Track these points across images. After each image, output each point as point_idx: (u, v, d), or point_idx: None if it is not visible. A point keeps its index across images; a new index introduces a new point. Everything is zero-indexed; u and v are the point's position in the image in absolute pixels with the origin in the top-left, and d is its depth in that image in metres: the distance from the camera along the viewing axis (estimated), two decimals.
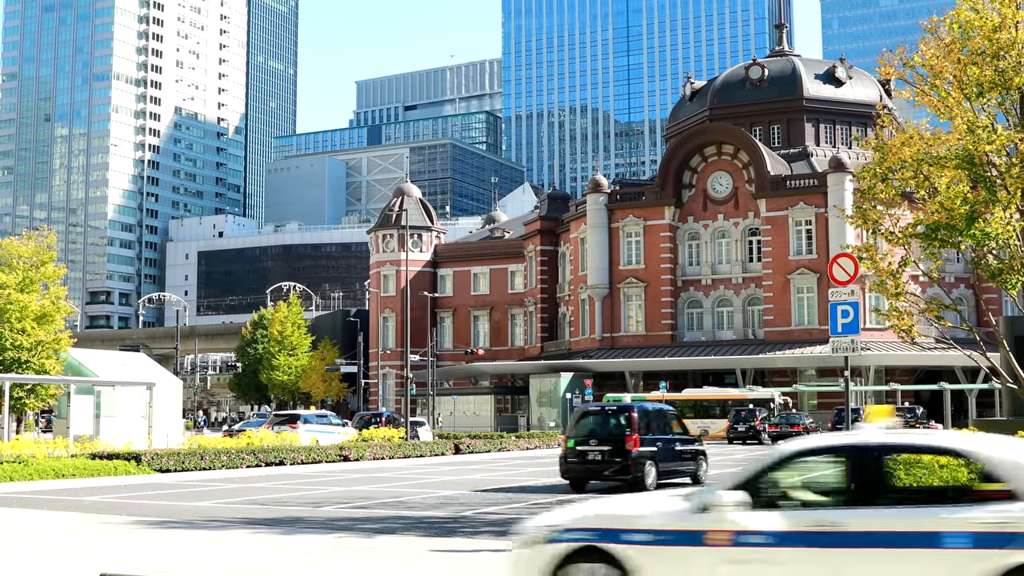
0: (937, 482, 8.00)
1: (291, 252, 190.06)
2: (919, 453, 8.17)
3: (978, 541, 7.27)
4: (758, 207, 74.31)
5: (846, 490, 7.95)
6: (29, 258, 43.54)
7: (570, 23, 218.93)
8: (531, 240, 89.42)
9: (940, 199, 17.22)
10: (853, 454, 8.09)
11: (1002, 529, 7.26)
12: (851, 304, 15.72)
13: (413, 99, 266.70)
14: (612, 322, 77.45)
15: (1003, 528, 7.26)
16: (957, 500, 7.67)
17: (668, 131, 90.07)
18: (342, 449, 35.12)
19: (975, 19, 17.05)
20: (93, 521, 16.94)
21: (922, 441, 8.36)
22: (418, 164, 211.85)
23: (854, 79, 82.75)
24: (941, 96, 17.39)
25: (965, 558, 7.26)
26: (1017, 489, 7.42)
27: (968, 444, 7.89)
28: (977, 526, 7.32)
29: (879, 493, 7.86)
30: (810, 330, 71.27)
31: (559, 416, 69.07)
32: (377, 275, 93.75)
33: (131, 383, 36.17)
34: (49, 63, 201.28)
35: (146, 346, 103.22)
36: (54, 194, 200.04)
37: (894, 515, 7.60)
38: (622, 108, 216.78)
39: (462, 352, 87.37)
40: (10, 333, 41.12)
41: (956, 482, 7.90)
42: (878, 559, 7.46)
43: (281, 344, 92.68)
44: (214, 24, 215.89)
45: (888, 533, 7.49)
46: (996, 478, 7.53)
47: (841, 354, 15.86)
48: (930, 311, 17.92)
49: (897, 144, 17.52)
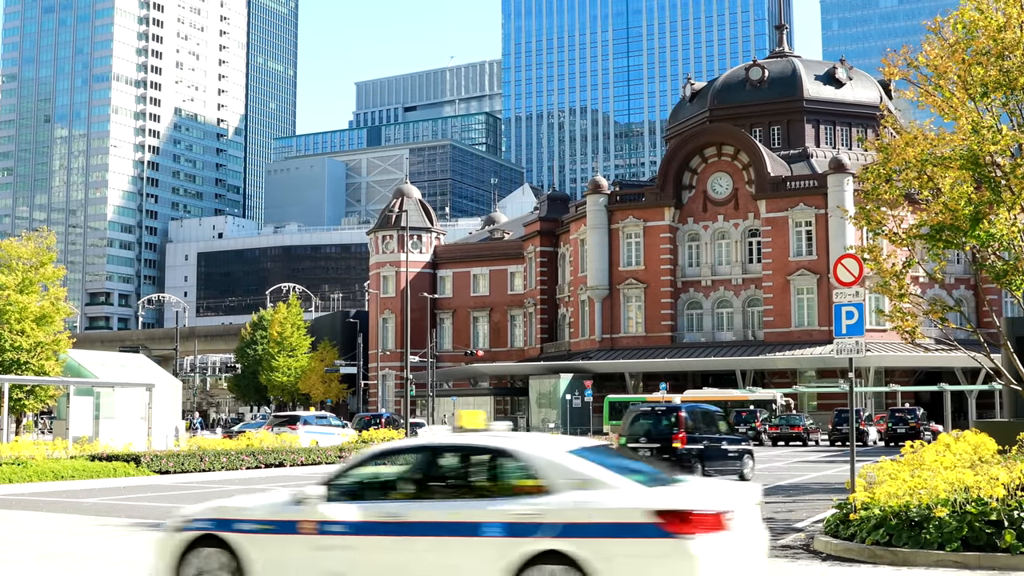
0: (486, 478, 8.94)
1: (290, 253, 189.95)
2: (475, 453, 9.21)
3: (511, 530, 8.26)
4: (758, 208, 74.23)
5: (412, 486, 9.08)
6: (28, 259, 43.44)
7: (570, 24, 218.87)
8: (531, 241, 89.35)
9: (944, 200, 17.13)
10: (419, 455, 9.42)
11: (531, 520, 8.23)
12: (856, 305, 15.59)
13: (413, 100, 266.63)
14: (612, 323, 77.36)
15: (532, 519, 8.23)
16: (500, 494, 8.64)
17: (668, 132, 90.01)
18: (342, 451, 35.01)
19: (979, 19, 16.97)
20: (92, 523, 16.85)
21: (476, 442, 9.35)
22: (418, 165, 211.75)
23: (854, 80, 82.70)
24: (945, 96, 17.31)
25: (499, 545, 8.25)
26: (551, 484, 8.38)
27: (513, 444, 8.90)
28: (511, 517, 8.30)
29: (438, 488, 9.02)
30: (810, 331, 71.19)
31: (559, 417, 68.97)
32: (377, 276, 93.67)
33: (130, 384, 36.07)
34: (49, 64, 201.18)
35: (145, 347, 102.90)
36: (54, 195, 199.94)
37: (447, 507, 8.64)
38: (622, 109, 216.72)
39: (462, 353, 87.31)
40: (9, 334, 41.02)
41: (502, 478, 8.82)
42: (431, 546, 8.51)
43: (280, 345, 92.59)
44: (214, 25, 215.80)
45: (441, 523, 8.53)
46: (533, 475, 8.50)
47: (846, 355, 15.74)
48: (934, 312, 17.83)
49: (901, 145, 17.43)
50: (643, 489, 8.36)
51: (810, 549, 13.08)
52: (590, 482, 8.35)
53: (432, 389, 72.19)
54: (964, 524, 11.34)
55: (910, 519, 11.77)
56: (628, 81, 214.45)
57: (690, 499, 8.21)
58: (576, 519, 8.13)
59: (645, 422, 25.71)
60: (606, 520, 8.07)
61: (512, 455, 8.79)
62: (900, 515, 11.88)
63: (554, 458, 8.60)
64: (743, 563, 8.41)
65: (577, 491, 8.29)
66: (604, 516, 8.09)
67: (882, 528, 11.91)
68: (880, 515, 12.06)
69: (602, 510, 8.12)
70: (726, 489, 9.00)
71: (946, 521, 11.41)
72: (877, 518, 12.07)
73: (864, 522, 12.21)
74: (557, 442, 9.15)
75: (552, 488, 8.37)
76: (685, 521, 7.91)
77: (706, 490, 8.77)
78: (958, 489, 11.88)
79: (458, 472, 9.19)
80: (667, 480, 8.89)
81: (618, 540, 7.99)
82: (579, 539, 8.07)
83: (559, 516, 8.18)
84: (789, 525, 15.92)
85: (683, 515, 7.94)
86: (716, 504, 8.15)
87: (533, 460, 8.63)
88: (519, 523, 8.26)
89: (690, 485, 8.88)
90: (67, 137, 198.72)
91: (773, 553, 12.89)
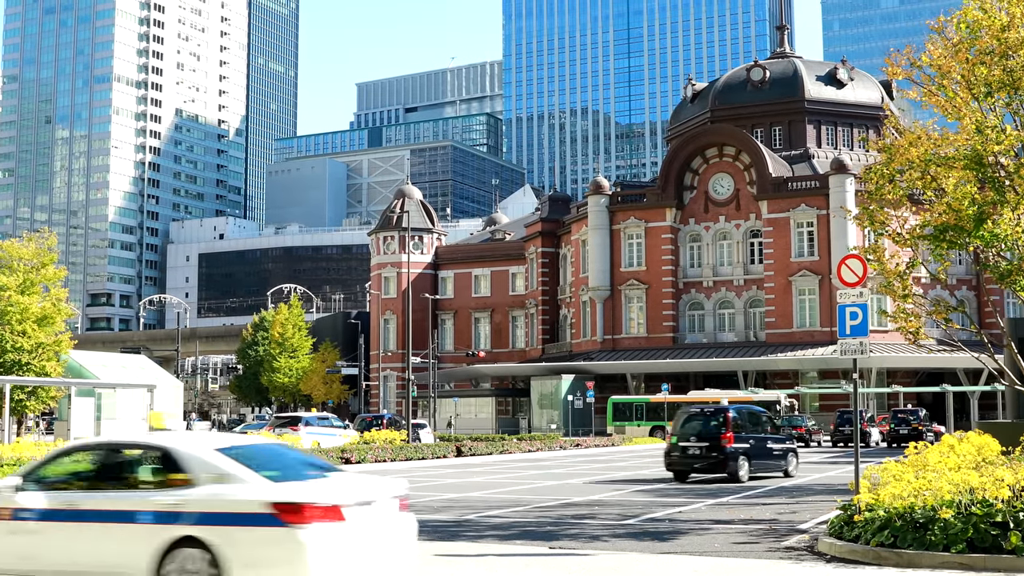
0: (146, 473, 10.14)
1: (292, 254, 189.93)
2: (139, 450, 10.57)
3: (158, 518, 9.40)
4: (759, 209, 74.18)
5: (88, 478, 10.20)
6: (30, 260, 43.39)
7: (571, 25, 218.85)
8: (532, 242, 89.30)
9: (948, 200, 17.08)
10: (96, 451, 10.63)
11: (175, 509, 9.35)
12: (860, 306, 15.54)
13: (414, 101, 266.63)
14: (613, 324, 77.31)
15: (176, 508, 9.35)
16: (156, 486, 9.82)
17: (669, 133, 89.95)
18: (344, 452, 34.97)
19: (983, 18, 16.91)
20: None
21: (139, 440, 11.11)
22: (419, 166, 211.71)
23: (855, 80, 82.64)
24: (949, 96, 17.25)
25: (150, 531, 9.37)
26: (195, 478, 9.48)
27: (168, 443, 10.08)
28: (159, 506, 9.45)
29: (108, 481, 10.13)
30: (812, 332, 71.13)
31: (560, 418, 68.91)
32: (378, 277, 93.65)
33: (132, 385, 36.04)
34: (50, 65, 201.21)
35: (147, 348, 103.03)
36: (55, 196, 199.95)
37: (112, 497, 9.78)
38: (623, 110, 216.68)
39: (463, 354, 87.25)
40: (11, 335, 40.98)
41: (157, 472, 9.97)
42: (100, 531, 9.63)
43: (282, 346, 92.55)
44: (215, 26, 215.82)
45: (107, 511, 9.65)
46: (182, 469, 9.61)
47: (850, 356, 15.69)
48: (938, 313, 17.78)
49: (904, 145, 17.38)
50: (268, 484, 9.35)
51: (814, 551, 13.04)
52: (226, 476, 9.43)
53: (434, 390, 72.11)
54: (969, 526, 11.29)
55: (915, 521, 11.72)
56: (629, 82, 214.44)
57: (307, 493, 9.19)
58: (209, 509, 9.27)
59: (695, 422, 27.14)
60: (232, 510, 9.20)
61: (167, 452, 9.91)
62: (905, 517, 11.83)
63: (201, 455, 9.70)
64: (371, 548, 9.53)
65: (215, 485, 9.40)
66: (231, 507, 9.22)
67: (887, 530, 11.86)
68: (885, 517, 12.01)
69: (230, 501, 9.25)
70: (363, 485, 9.85)
71: (951, 523, 11.36)
72: (882, 519, 12.02)
73: (869, 524, 12.16)
74: (208, 441, 10.28)
75: (196, 482, 9.47)
76: (296, 512, 9.00)
77: (334, 485, 9.62)
78: (963, 491, 11.83)
79: (124, 467, 10.38)
80: (304, 476, 9.86)
81: (242, 528, 9.12)
82: (211, 526, 9.19)
83: (197, 506, 9.32)
84: (793, 527, 15.88)
85: (295, 507, 9.02)
86: (331, 498, 9.20)
87: (182, 457, 9.73)
88: (165, 512, 9.40)
89: (327, 480, 9.84)
90: (68, 138, 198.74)
91: (777, 555, 12.86)
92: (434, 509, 19.32)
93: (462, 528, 16.21)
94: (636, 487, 24.90)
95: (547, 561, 12.54)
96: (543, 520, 17.18)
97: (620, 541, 14.37)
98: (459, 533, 15.48)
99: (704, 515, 17.93)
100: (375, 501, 9.63)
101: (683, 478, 26.64)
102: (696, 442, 26.42)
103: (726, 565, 12.12)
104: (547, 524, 16.56)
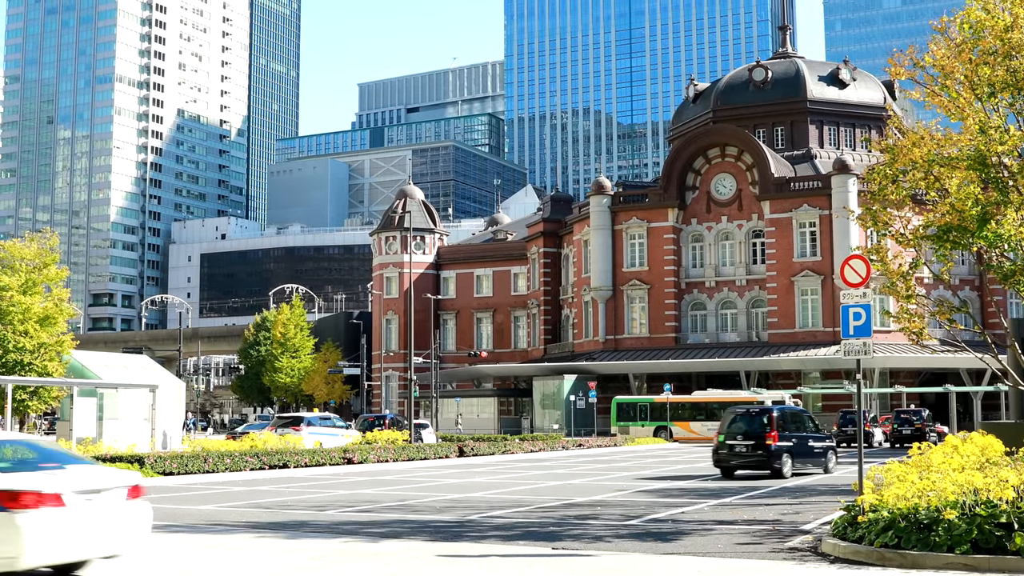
0: None
1: (293, 254, 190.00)
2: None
3: None
4: (762, 209, 74.13)
5: None
6: (32, 260, 43.41)
7: (572, 25, 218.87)
8: (534, 242, 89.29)
9: (951, 200, 17.05)
10: None
11: None
12: (863, 306, 15.51)
13: (415, 101, 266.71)
14: (616, 324, 77.28)
15: None
16: None
17: (671, 133, 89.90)
18: (346, 452, 34.97)
19: (986, 19, 16.89)
20: None
21: None
22: (420, 166, 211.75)
23: (857, 81, 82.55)
24: (952, 97, 17.23)
25: None
26: None
27: None
28: None
29: None
30: (814, 332, 71.08)
31: (562, 418, 68.89)
32: (380, 277, 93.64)
33: (134, 385, 35.99)
34: (52, 66, 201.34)
35: (149, 348, 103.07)
36: (57, 196, 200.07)
37: None
38: (625, 110, 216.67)
39: (465, 354, 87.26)
40: (13, 335, 41.00)
41: None
42: None
43: (284, 346, 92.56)
44: (216, 26, 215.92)
45: None
46: None
47: (853, 357, 15.66)
48: (941, 313, 17.76)
49: (908, 145, 17.36)
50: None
51: (818, 551, 13.01)
52: None
53: (436, 390, 72.13)
54: (974, 526, 11.26)
55: (919, 521, 11.70)
56: (631, 82, 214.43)
57: (27, 482, 10.12)
58: None
59: (741, 422, 28.46)
60: None
61: None
62: (909, 517, 11.81)
63: None
64: (93, 530, 10.43)
65: None
66: None
67: (891, 530, 11.84)
68: (889, 517, 11.99)
69: None
70: (93, 476, 10.86)
71: (955, 523, 11.34)
72: (886, 520, 11.99)
73: (873, 524, 12.13)
74: None
75: None
76: (14, 499, 9.93)
77: (62, 476, 10.57)
78: (967, 491, 11.81)
79: None
80: (35, 467, 10.80)
81: None
82: None
83: None
84: (796, 527, 15.86)
85: (12, 494, 9.96)
86: (52, 487, 10.14)
87: None
88: None
89: (60, 471, 10.75)
90: (70, 138, 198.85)
91: (781, 556, 12.84)
92: (437, 510, 19.32)
93: (465, 528, 16.20)
94: (638, 487, 24.89)
95: (550, 562, 12.53)
96: (546, 520, 17.16)
97: (623, 542, 14.35)
98: (462, 534, 15.47)
99: (707, 516, 17.91)
100: (104, 490, 10.64)
101: (729, 475, 28.02)
102: (743, 440, 27.75)
103: (729, 566, 12.09)
104: (550, 525, 16.55)
